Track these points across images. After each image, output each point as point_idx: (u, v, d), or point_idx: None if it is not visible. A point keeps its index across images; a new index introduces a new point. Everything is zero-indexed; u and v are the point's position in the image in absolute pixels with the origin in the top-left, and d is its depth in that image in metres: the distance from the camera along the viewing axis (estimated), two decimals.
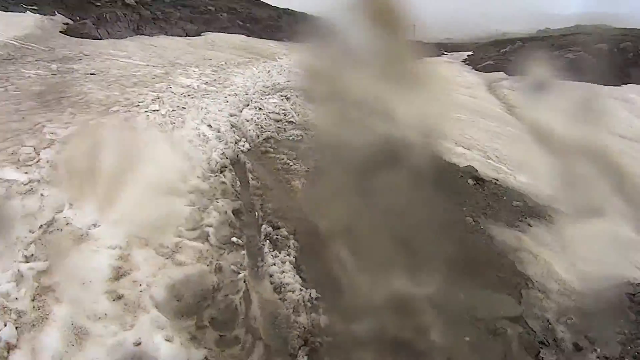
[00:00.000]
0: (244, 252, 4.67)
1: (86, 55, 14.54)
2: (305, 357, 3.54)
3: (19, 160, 5.61)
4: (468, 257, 5.33)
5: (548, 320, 4.91)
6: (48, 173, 5.28)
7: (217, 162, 6.63)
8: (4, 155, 5.73)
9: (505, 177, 8.75)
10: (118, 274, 3.90)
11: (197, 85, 11.75)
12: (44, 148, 6.03)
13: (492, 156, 10.17)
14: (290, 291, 4.20)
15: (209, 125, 8.18)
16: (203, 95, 10.64)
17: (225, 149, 7.26)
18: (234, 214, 5.30)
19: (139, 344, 3.35)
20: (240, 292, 4.12)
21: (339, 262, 4.47)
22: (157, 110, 8.54)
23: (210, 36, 23.78)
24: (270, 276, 4.36)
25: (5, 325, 3.19)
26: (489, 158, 9.98)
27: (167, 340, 3.43)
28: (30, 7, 19.33)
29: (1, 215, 4.25)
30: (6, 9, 17.94)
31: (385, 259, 4.34)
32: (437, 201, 6.08)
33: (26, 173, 5.26)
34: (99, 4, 21.96)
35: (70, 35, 17.77)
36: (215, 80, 12.79)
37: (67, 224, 4.36)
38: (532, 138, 12.77)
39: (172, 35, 22.60)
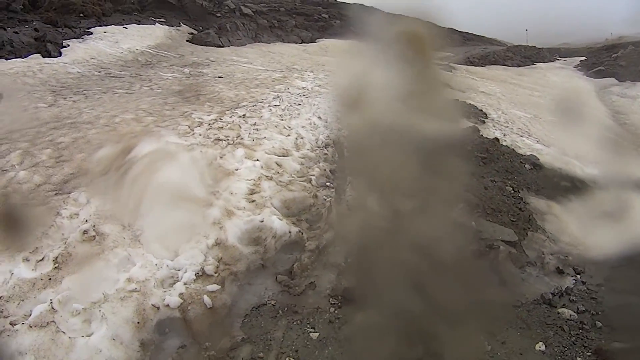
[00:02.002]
0: (333, 190, 7.90)
1: (212, 61, 18.91)
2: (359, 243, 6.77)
3: (179, 133, 9.24)
4: (491, 206, 8.08)
5: (543, 252, 7.50)
6: (202, 140, 8.90)
7: (323, 142, 9.93)
8: (167, 129, 9.41)
9: (571, 168, 11.14)
10: (252, 192, 7.21)
11: (311, 87, 15.30)
12: (196, 127, 9.63)
13: (570, 153, 12.49)
14: (357, 210, 7.44)
15: (319, 117, 11.49)
16: (316, 95, 13.99)
17: (330, 134, 10.52)
18: (330, 172, 8.60)
19: (262, 221, 6.58)
20: (326, 207, 7.31)
21: (393, 199, 7.50)
22: (278, 106, 12.03)
23: (324, 42, 27.75)
24: (347, 202, 7.63)
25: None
26: (565, 155, 12.33)
27: (279, 219, 6.71)
28: (158, 19, 24.31)
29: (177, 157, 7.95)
30: (139, 22, 22.81)
31: (423, 199, 7.24)
32: (485, 172, 8.93)
33: (186, 140, 8.87)
34: (219, 14, 26.72)
35: (196, 44, 22.48)
36: (327, 83, 16.16)
37: (220, 166, 7.85)
38: (628, 143, 14.69)
39: (288, 42, 26.82)
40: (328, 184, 8.21)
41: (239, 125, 9.96)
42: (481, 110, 15.99)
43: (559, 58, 36.11)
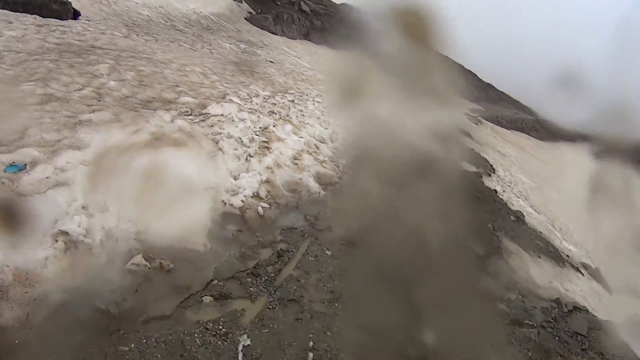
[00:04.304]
0: (352, 178, 10.26)
1: (265, 44, 21.11)
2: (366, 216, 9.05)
3: (239, 97, 11.48)
4: (471, 229, 10.06)
5: (499, 272, 9.67)
6: (259, 109, 11.16)
7: (352, 142, 12.28)
8: (230, 91, 11.74)
9: (551, 237, 13.25)
10: (296, 158, 9.46)
11: None
12: (254, 96, 11.86)
13: (556, 225, 14.74)
14: (369, 196, 9.75)
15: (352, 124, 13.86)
16: None
17: (357, 139, 12.87)
18: (353, 166, 10.93)
19: (301, 179, 8.86)
20: (346, 187, 9.69)
21: (397, 198, 9.75)
22: (320, 103, 14.27)
23: None
24: (361, 189, 9.95)
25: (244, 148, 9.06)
26: (552, 224, 14.61)
27: (314, 182, 9.03)
28: None
29: (237, 117, 10.22)
30: None
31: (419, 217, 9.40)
32: (475, 208, 11.16)
33: (246, 104, 11.14)
34: (279, 3, 28.84)
35: (252, 24, 24.69)
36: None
37: (272, 132, 10.09)
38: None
39: (334, 49, 29.16)
40: (350, 173, 10.47)
41: (289, 107, 12.22)
42: (491, 165, 18.18)
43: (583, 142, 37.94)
